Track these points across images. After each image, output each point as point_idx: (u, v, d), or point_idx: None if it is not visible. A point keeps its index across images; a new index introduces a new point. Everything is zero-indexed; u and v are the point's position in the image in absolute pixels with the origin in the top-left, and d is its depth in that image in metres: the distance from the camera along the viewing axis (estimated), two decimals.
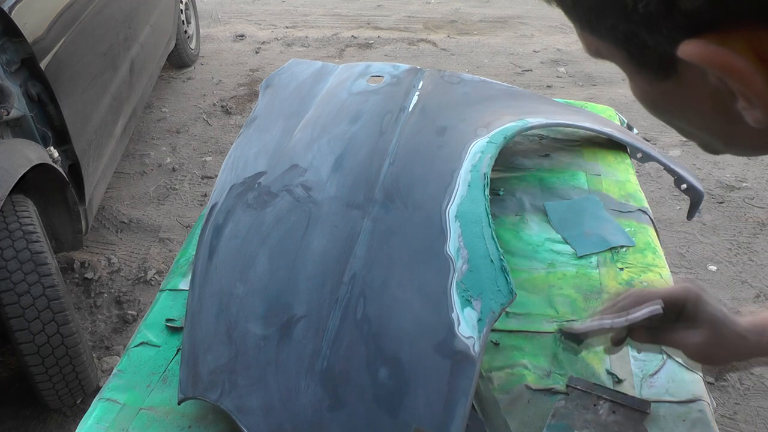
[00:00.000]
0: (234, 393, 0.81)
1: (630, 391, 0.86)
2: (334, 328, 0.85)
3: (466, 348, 0.81)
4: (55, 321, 1.68)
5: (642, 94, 0.45)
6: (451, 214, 0.98)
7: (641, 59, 0.41)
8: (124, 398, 0.89)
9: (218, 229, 1.02)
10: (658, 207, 2.64)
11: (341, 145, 1.14)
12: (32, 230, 1.70)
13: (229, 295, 0.92)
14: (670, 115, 0.45)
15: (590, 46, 0.45)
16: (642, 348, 0.89)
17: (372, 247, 0.94)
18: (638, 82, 0.44)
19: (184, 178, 3.05)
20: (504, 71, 3.98)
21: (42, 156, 1.80)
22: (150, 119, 3.58)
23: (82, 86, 2.17)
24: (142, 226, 2.72)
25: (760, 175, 2.86)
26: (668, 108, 0.44)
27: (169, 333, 1.00)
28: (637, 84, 0.45)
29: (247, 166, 1.13)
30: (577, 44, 4.34)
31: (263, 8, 5.30)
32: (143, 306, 2.31)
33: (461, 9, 5.11)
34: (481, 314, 0.84)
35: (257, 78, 3.98)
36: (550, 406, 0.85)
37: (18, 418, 1.92)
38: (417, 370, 0.81)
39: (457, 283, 0.88)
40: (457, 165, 1.08)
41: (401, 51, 4.35)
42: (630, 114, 3.35)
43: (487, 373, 0.90)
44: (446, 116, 1.22)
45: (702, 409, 0.83)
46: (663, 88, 0.42)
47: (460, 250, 0.92)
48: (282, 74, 1.45)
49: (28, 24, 1.85)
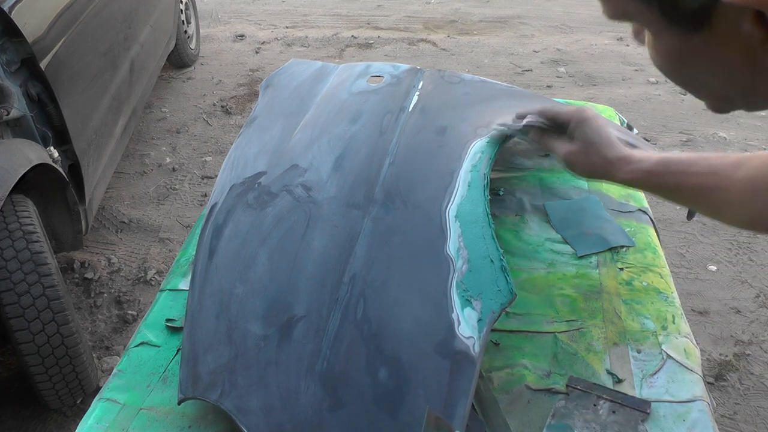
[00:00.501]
0: (234, 393, 0.81)
1: (630, 391, 0.86)
2: (334, 329, 0.85)
3: (466, 348, 0.81)
4: (55, 321, 1.68)
5: (668, 52, 0.46)
6: (451, 214, 0.98)
7: (674, 14, 0.42)
8: (124, 398, 0.89)
9: (218, 229, 1.02)
10: (658, 207, 2.64)
11: (341, 145, 1.14)
12: (32, 230, 1.70)
13: (229, 295, 0.92)
14: (695, 71, 0.46)
15: (617, 9, 0.46)
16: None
17: (372, 247, 0.94)
18: (667, 39, 0.45)
19: (184, 178, 3.05)
20: (504, 71, 3.98)
21: (42, 156, 1.80)
22: (150, 119, 3.58)
23: (82, 86, 2.17)
24: (142, 226, 2.72)
25: None
26: (695, 63, 0.45)
27: (169, 333, 1.00)
28: (664, 42, 0.46)
29: (247, 166, 1.13)
30: (577, 44, 4.34)
31: (263, 8, 5.30)
32: (143, 306, 2.31)
33: (461, 9, 5.11)
34: (481, 314, 0.84)
35: (257, 78, 3.98)
36: (550, 406, 0.85)
37: (18, 418, 1.92)
38: (417, 371, 0.81)
39: (457, 284, 0.88)
40: (457, 165, 1.08)
41: (401, 51, 4.35)
42: (630, 114, 3.35)
43: (487, 373, 0.90)
44: (446, 116, 1.22)
45: (702, 409, 0.83)
46: (693, 43, 0.43)
47: (460, 250, 0.92)
48: (282, 74, 1.45)
49: (28, 24, 1.85)
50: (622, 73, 3.87)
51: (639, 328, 0.96)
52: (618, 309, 0.99)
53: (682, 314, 0.99)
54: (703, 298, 2.22)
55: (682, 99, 3.53)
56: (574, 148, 0.92)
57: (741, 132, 3.21)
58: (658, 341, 0.93)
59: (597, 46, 4.32)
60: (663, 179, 0.81)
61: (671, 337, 0.94)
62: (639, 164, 0.84)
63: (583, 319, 0.98)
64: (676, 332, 0.95)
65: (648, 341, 0.93)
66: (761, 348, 2.03)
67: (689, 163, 0.78)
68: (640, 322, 0.97)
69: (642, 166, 0.84)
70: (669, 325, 0.96)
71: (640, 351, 0.92)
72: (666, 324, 0.96)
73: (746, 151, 3.02)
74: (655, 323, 0.96)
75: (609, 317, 0.98)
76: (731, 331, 2.09)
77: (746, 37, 0.40)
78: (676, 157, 0.81)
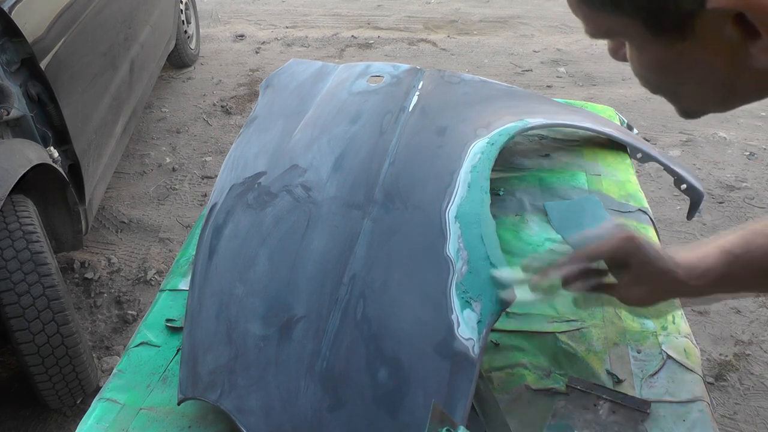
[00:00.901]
0: (234, 393, 0.81)
1: (630, 391, 0.86)
2: (333, 329, 0.85)
3: (465, 349, 0.81)
4: (55, 321, 1.68)
5: (653, 63, 0.48)
6: (451, 214, 0.98)
7: (658, 25, 0.44)
8: (124, 398, 0.89)
9: (218, 229, 1.01)
10: (658, 207, 2.64)
11: (341, 145, 1.14)
12: (32, 230, 1.70)
13: (229, 295, 0.92)
14: (679, 78, 0.48)
15: (600, 27, 0.48)
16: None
17: (372, 247, 0.94)
18: (652, 50, 0.47)
19: (184, 178, 3.05)
20: (504, 71, 3.98)
21: (42, 156, 1.80)
22: (150, 119, 3.58)
23: (82, 86, 2.17)
24: (142, 226, 2.72)
25: (760, 175, 2.86)
26: (679, 70, 0.48)
27: (169, 333, 1.00)
28: (649, 53, 0.48)
29: (247, 166, 1.13)
30: (577, 44, 4.34)
31: (263, 8, 5.30)
32: (143, 306, 2.31)
33: (461, 9, 5.11)
34: (480, 316, 0.84)
35: (257, 78, 3.98)
36: (550, 406, 0.85)
37: (18, 418, 1.92)
38: (417, 371, 0.81)
39: (456, 285, 0.88)
40: (457, 165, 1.08)
41: (401, 51, 4.35)
42: (630, 114, 3.35)
43: (487, 373, 0.90)
44: (446, 116, 1.22)
45: (702, 409, 0.83)
46: (678, 50, 0.45)
47: (459, 251, 0.92)
48: (282, 74, 1.45)
49: (28, 24, 1.85)
50: (622, 73, 3.87)
51: (639, 328, 0.96)
52: (618, 309, 0.99)
53: (682, 314, 0.99)
54: None
55: None
56: (627, 279, 0.79)
57: (741, 132, 3.21)
58: (658, 341, 0.93)
59: (597, 46, 4.32)
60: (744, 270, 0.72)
61: (671, 337, 0.94)
62: (705, 267, 0.74)
63: (583, 319, 0.98)
64: (676, 332, 0.95)
65: (648, 341, 0.93)
66: (761, 348, 2.03)
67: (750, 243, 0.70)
68: (640, 322, 0.96)
69: (709, 267, 0.74)
70: (669, 325, 0.96)
71: (640, 351, 0.92)
72: (666, 324, 0.96)
73: (746, 151, 3.02)
74: (655, 323, 0.96)
75: (609, 317, 0.98)
76: (731, 331, 2.09)
77: (728, 40, 0.42)
78: (736, 242, 0.73)
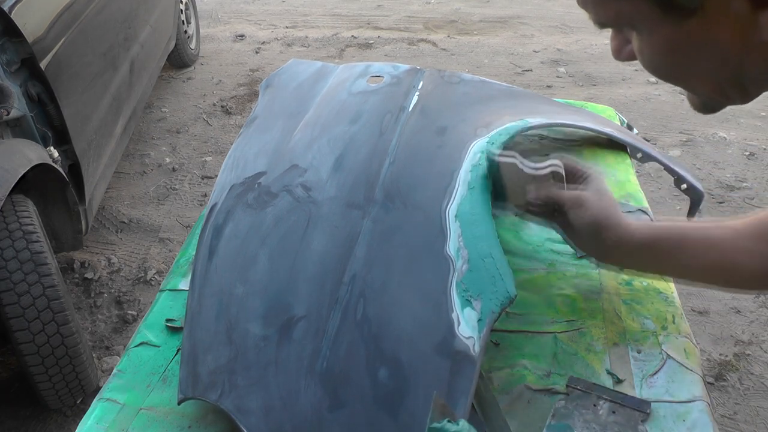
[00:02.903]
0: (234, 393, 0.81)
1: (630, 391, 0.86)
2: (334, 329, 0.85)
3: (465, 348, 0.81)
4: (55, 321, 1.68)
5: (663, 44, 0.49)
6: (451, 214, 0.98)
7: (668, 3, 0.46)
8: (124, 398, 0.89)
9: (218, 230, 1.01)
10: (658, 207, 2.64)
11: (341, 145, 1.14)
12: (32, 230, 1.70)
13: (229, 295, 0.92)
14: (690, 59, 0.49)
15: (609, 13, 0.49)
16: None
17: (372, 247, 0.94)
18: (662, 31, 0.48)
19: (184, 178, 3.05)
20: (504, 71, 3.98)
21: (42, 156, 1.80)
22: (150, 119, 3.58)
23: (82, 86, 2.17)
24: (142, 226, 2.72)
25: (760, 175, 2.86)
26: (689, 50, 0.48)
27: (169, 333, 1.00)
28: (660, 35, 0.49)
29: (247, 166, 1.13)
30: (578, 44, 4.34)
31: (263, 8, 5.30)
32: (143, 306, 2.31)
33: (461, 9, 5.11)
34: (481, 314, 0.84)
35: (257, 78, 3.98)
36: (550, 406, 0.85)
37: (18, 418, 1.92)
38: (417, 371, 0.81)
39: (457, 284, 0.88)
40: (457, 165, 1.08)
41: (401, 51, 4.35)
42: (630, 114, 3.35)
43: (487, 373, 0.90)
44: (446, 116, 1.22)
45: (702, 409, 0.83)
46: (686, 28, 0.46)
47: (460, 250, 0.92)
48: (282, 74, 1.45)
49: (28, 24, 1.85)
50: (622, 73, 3.87)
51: (639, 328, 0.96)
52: (618, 309, 0.99)
53: (682, 314, 0.99)
54: (703, 298, 2.22)
55: (682, 99, 3.53)
56: (588, 192, 0.90)
57: (741, 132, 3.21)
58: (658, 341, 0.93)
59: (597, 46, 4.32)
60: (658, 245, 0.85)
61: (671, 337, 0.94)
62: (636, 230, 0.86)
63: (583, 319, 0.98)
64: (676, 332, 0.95)
65: (648, 341, 0.93)
66: (761, 348, 2.03)
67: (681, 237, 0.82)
68: (640, 322, 0.96)
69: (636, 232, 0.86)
70: (669, 325, 0.96)
71: (640, 351, 0.92)
72: (666, 324, 0.96)
73: (746, 151, 3.02)
74: (655, 323, 0.96)
75: (609, 317, 0.98)
76: (731, 331, 2.09)
77: (736, 14, 0.43)
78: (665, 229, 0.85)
